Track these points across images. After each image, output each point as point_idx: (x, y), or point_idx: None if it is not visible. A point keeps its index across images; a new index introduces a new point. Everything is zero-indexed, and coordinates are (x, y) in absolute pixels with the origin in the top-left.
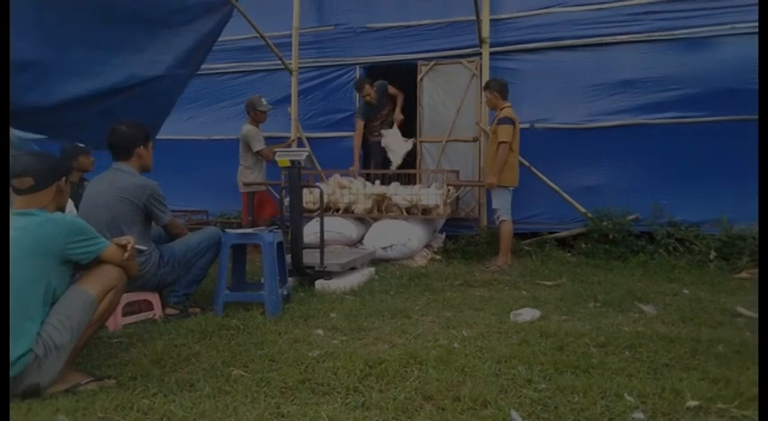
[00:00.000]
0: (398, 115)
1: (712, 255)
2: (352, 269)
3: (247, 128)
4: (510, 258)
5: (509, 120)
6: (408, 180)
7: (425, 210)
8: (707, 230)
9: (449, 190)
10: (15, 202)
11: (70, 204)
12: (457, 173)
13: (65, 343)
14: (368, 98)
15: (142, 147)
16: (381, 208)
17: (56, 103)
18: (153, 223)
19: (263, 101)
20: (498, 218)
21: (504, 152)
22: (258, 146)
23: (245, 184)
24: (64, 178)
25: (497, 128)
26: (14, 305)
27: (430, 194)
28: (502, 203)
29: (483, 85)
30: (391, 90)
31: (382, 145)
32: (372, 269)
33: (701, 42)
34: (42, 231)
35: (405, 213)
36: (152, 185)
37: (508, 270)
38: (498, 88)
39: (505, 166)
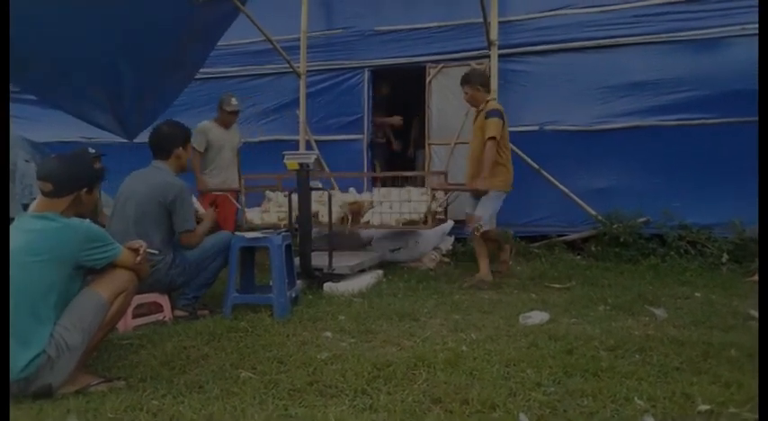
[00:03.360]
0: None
1: (724, 257)
2: (361, 271)
3: (201, 123)
4: (511, 258)
5: (497, 113)
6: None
7: (410, 223)
8: (719, 233)
9: (433, 195)
10: (37, 203)
11: None
12: (445, 174)
13: (77, 344)
14: None
15: (181, 148)
16: (357, 218)
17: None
18: None
19: (233, 100)
20: (481, 227)
21: (493, 150)
22: (194, 142)
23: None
24: (85, 189)
25: (484, 122)
26: (28, 311)
27: (412, 206)
28: (490, 210)
29: (461, 79)
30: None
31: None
32: (381, 272)
33: (712, 44)
34: (59, 238)
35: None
36: (182, 187)
37: (487, 282)
38: (481, 81)
39: (498, 168)
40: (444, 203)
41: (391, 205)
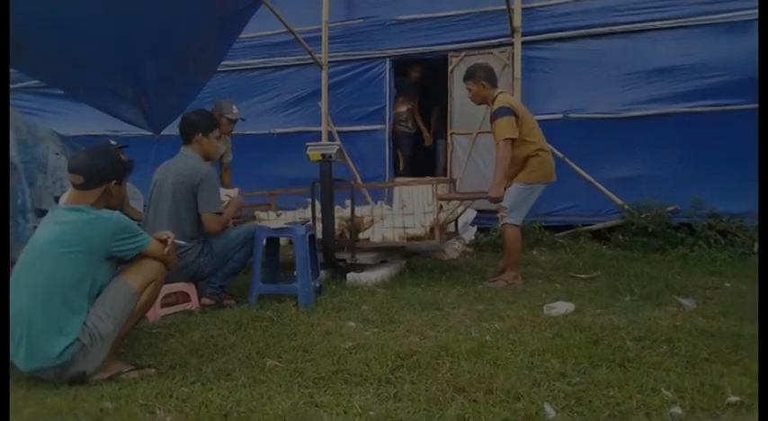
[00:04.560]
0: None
1: (756, 247)
2: (383, 262)
3: None
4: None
5: (506, 111)
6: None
7: (414, 239)
8: (750, 222)
9: (441, 206)
10: (69, 195)
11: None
12: (453, 182)
13: (109, 332)
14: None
15: (201, 135)
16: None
17: None
18: None
19: (234, 108)
20: (501, 218)
21: (505, 151)
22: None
23: None
24: (114, 181)
25: (493, 124)
26: (61, 300)
27: (417, 219)
28: (516, 202)
29: (464, 75)
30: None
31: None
32: (403, 262)
33: (740, 26)
34: (91, 229)
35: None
36: (208, 171)
37: (519, 285)
38: (486, 76)
39: (531, 161)
40: (455, 214)
41: (393, 219)
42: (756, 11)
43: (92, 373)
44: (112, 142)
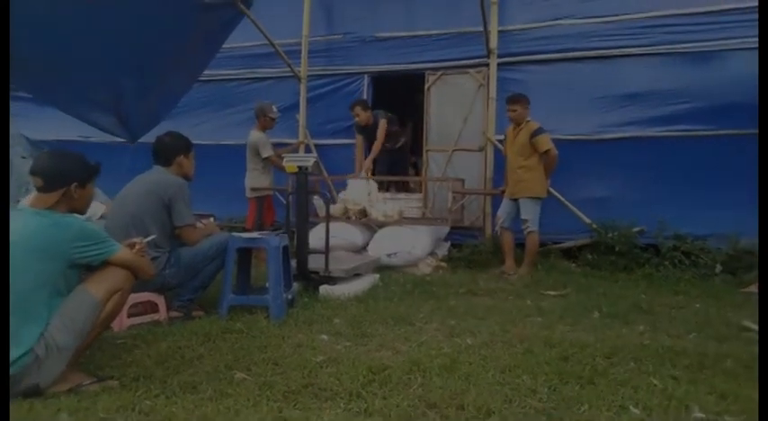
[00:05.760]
0: (368, 163)
1: (718, 268)
2: (357, 275)
3: (257, 134)
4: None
5: (545, 130)
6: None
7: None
8: (713, 244)
9: (453, 198)
10: (31, 198)
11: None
12: (462, 181)
13: (68, 344)
14: (356, 119)
15: (182, 157)
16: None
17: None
18: None
19: (274, 108)
20: (527, 228)
21: (555, 160)
22: (267, 152)
23: (254, 190)
24: (75, 184)
25: (537, 138)
26: (17, 307)
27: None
28: (534, 214)
29: (509, 97)
30: (381, 125)
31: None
32: (376, 275)
33: (709, 56)
34: (51, 234)
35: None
36: (182, 184)
37: (515, 280)
38: (528, 101)
39: (541, 176)
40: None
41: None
42: (725, 42)
43: (46, 386)
44: None
